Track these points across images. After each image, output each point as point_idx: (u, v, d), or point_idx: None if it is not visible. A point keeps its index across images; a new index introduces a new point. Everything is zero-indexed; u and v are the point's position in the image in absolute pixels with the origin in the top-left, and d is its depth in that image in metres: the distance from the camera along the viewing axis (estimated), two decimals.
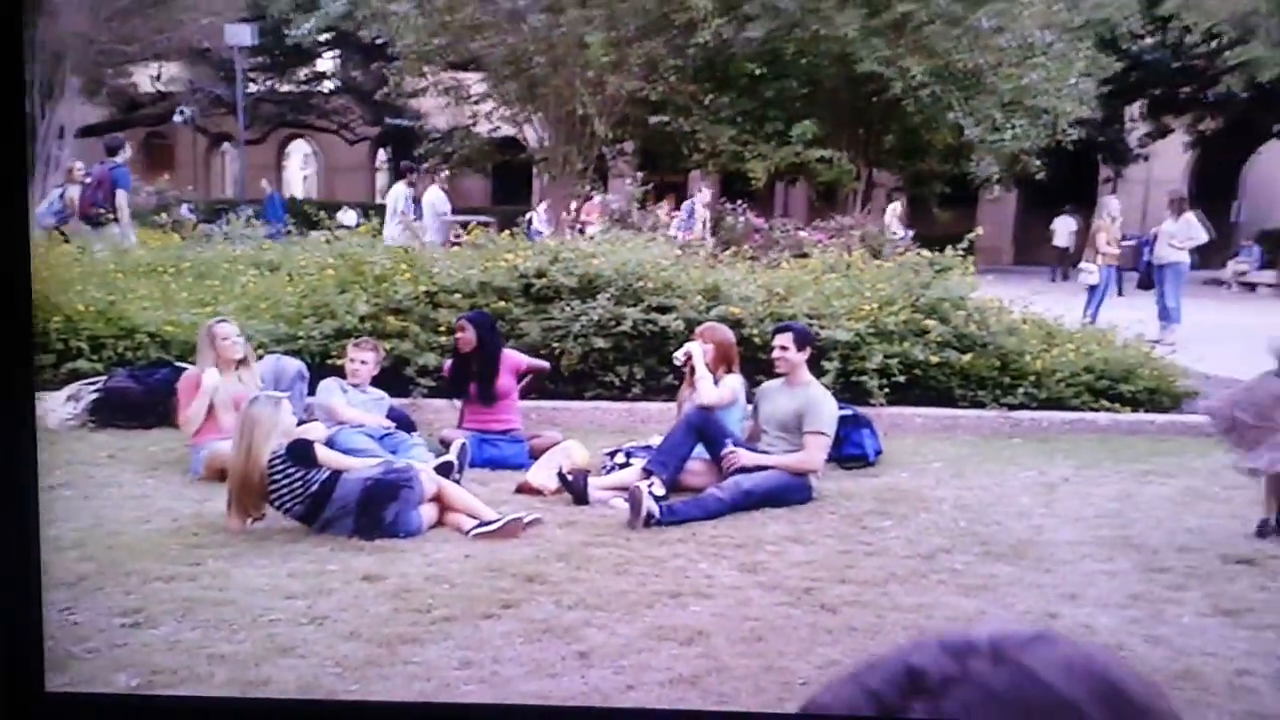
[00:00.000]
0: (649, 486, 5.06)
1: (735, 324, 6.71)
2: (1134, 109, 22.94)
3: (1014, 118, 13.11)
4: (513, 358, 6.32)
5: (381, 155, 32.37)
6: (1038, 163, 13.70)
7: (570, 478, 5.34)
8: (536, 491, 5.41)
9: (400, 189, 12.66)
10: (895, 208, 13.88)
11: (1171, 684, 3.41)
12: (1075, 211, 19.33)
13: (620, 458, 5.72)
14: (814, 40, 12.84)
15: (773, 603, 4.09)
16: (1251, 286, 20.44)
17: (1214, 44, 16.76)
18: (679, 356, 5.84)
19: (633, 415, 6.85)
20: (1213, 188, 22.85)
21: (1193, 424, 7.03)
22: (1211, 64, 17.87)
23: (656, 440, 5.67)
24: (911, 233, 13.54)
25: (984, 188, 14.12)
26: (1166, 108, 22.56)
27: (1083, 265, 12.52)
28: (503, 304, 7.21)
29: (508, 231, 8.60)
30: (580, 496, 5.26)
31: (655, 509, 4.94)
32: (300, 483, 4.64)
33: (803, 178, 13.25)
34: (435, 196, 12.51)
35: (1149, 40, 17.52)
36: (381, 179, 32.38)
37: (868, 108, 13.54)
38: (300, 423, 5.23)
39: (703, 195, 12.52)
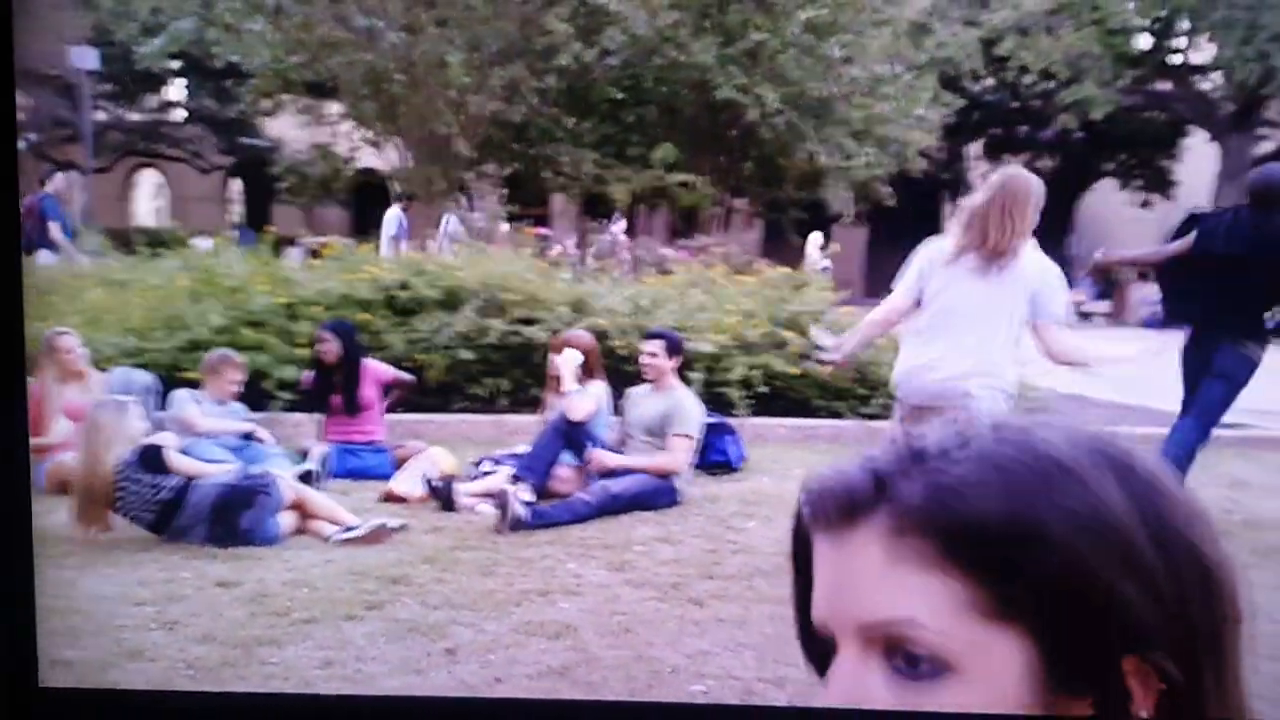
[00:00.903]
0: (517, 491, 5.02)
1: (601, 335, 6.73)
2: (974, 148, 23.97)
3: (865, 146, 13.56)
4: (377, 369, 6.21)
5: (236, 185, 31.45)
6: (888, 190, 14.19)
7: (437, 484, 5.26)
8: (401, 499, 5.31)
9: (394, 213, 12.63)
10: (816, 238, 14.14)
11: None
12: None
13: (487, 465, 5.66)
14: (672, 67, 13.07)
15: (641, 598, 4.10)
16: (1088, 316, 21.56)
17: (1049, 84, 17.65)
18: (556, 363, 5.82)
19: (500, 427, 6.79)
20: (1050, 223, 23.90)
21: None
22: (1046, 104, 18.80)
23: (524, 450, 5.64)
24: (829, 264, 13.93)
25: (839, 218, 14.56)
26: (1005, 147, 23.62)
27: None
28: (365, 316, 7.07)
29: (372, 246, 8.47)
30: (447, 503, 5.19)
31: (524, 513, 4.90)
32: (150, 489, 4.45)
33: (665, 202, 13.42)
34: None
35: (989, 81, 18.36)
36: (236, 210, 31.42)
37: (726, 134, 13.83)
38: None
39: (620, 224, 12.61)
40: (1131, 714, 0.62)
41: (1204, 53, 17.20)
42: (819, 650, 0.68)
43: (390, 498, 5.33)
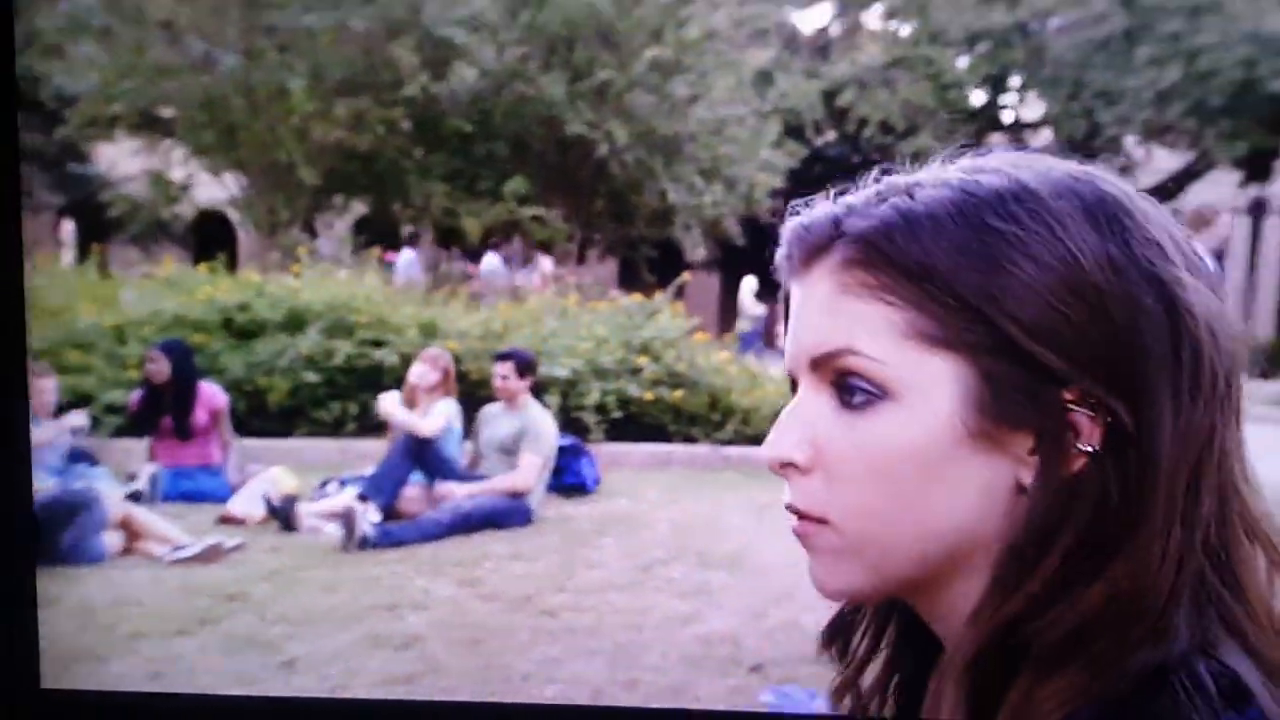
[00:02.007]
0: (364, 510, 4.84)
1: (453, 359, 6.60)
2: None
3: (712, 185, 13.80)
4: (212, 393, 5.89)
5: (68, 227, 30.03)
6: (737, 230, 14.45)
7: (277, 504, 5.02)
8: (240, 521, 5.05)
9: (409, 255, 12.20)
10: (751, 282, 14.25)
11: None
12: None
13: (333, 487, 5.45)
14: (521, 102, 13.09)
15: (492, 610, 4.01)
16: None
17: (888, 138, 18.34)
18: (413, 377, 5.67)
19: (346, 453, 6.54)
20: None
21: None
22: (886, 157, 19.57)
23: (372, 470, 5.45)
24: (764, 309, 14.17)
25: (690, 257, 14.77)
26: None
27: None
28: (201, 337, 6.75)
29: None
30: (288, 523, 4.95)
31: (371, 532, 4.73)
32: None
33: (519, 235, 13.36)
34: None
35: (831, 134, 18.99)
36: (69, 254, 29.95)
37: (577, 170, 13.89)
38: None
39: (546, 260, 12.64)
40: (1075, 447, 0.60)
41: (1035, 108, 18.15)
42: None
43: (227, 519, 5.06)
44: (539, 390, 6.37)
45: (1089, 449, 0.60)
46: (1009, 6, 16.21)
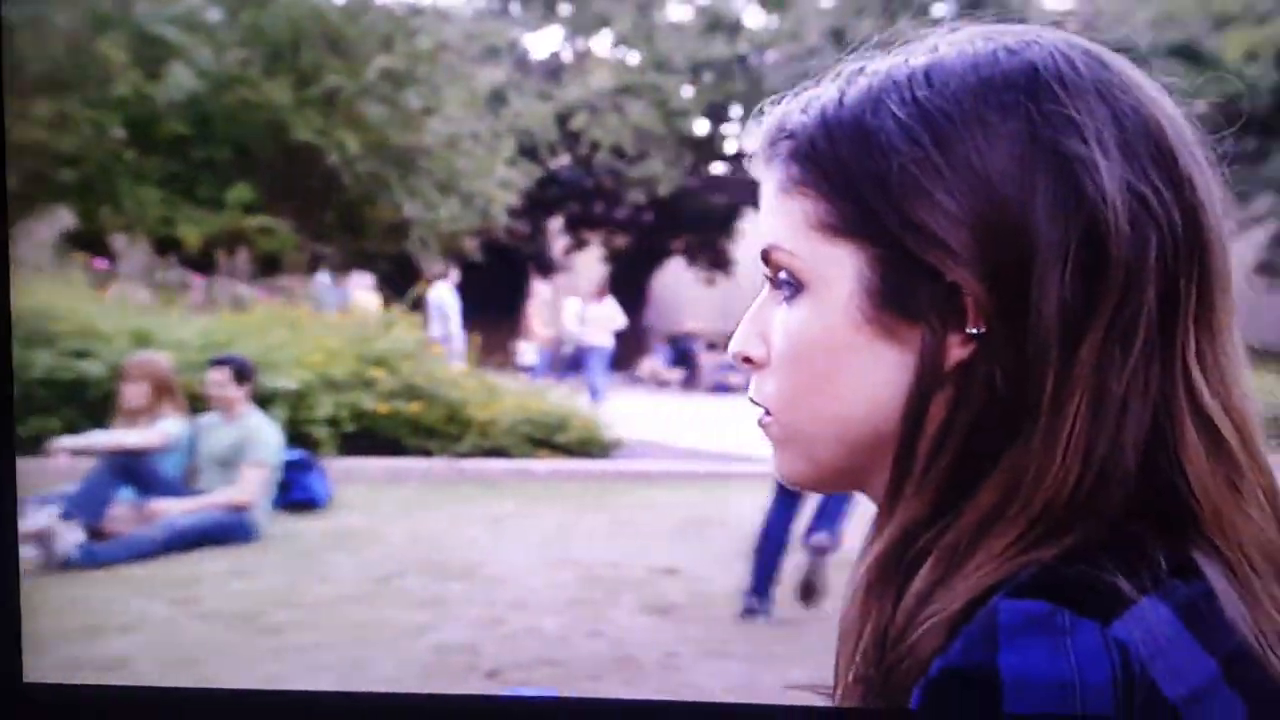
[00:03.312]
0: (64, 529, 4.45)
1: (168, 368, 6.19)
2: (554, 223, 24.94)
3: (449, 200, 13.66)
4: None
5: None
6: (474, 245, 14.36)
7: None
8: None
9: (443, 290, 11.76)
10: (575, 304, 14.01)
11: (612, 670, 3.73)
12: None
13: (31, 506, 4.97)
14: (244, 106, 12.53)
15: (211, 630, 3.79)
16: (665, 383, 22.92)
17: (620, 163, 18.73)
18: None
19: (46, 473, 6.00)
20: (628, 296, 25.39)
21: (621, 469, 7.76)
22: (618, 182, 19.96)
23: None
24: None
25: (427, 275, 14.55)
26: (583, 223, 24.79)
27: (522, 345, 13.23)
28: None
29: None
30: None
31: (72, 550, 4.36)
32: None
33: (245, 245, 12.72)
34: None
35: (566, 158, 19.20)
36: None
37: (306, 179, 13.40)
38: None
39: (448, 280, 12.20)
40: (965, 332, 0.59)
41: (755, 139, 18.89)
42: None
43: None
44: (264, 403, 6.07)
45: (975, 332, 0.59)
46: (728, 39, 16.92)
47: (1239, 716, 0.53)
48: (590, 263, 26.67)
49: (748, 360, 0.68)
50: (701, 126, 18.88)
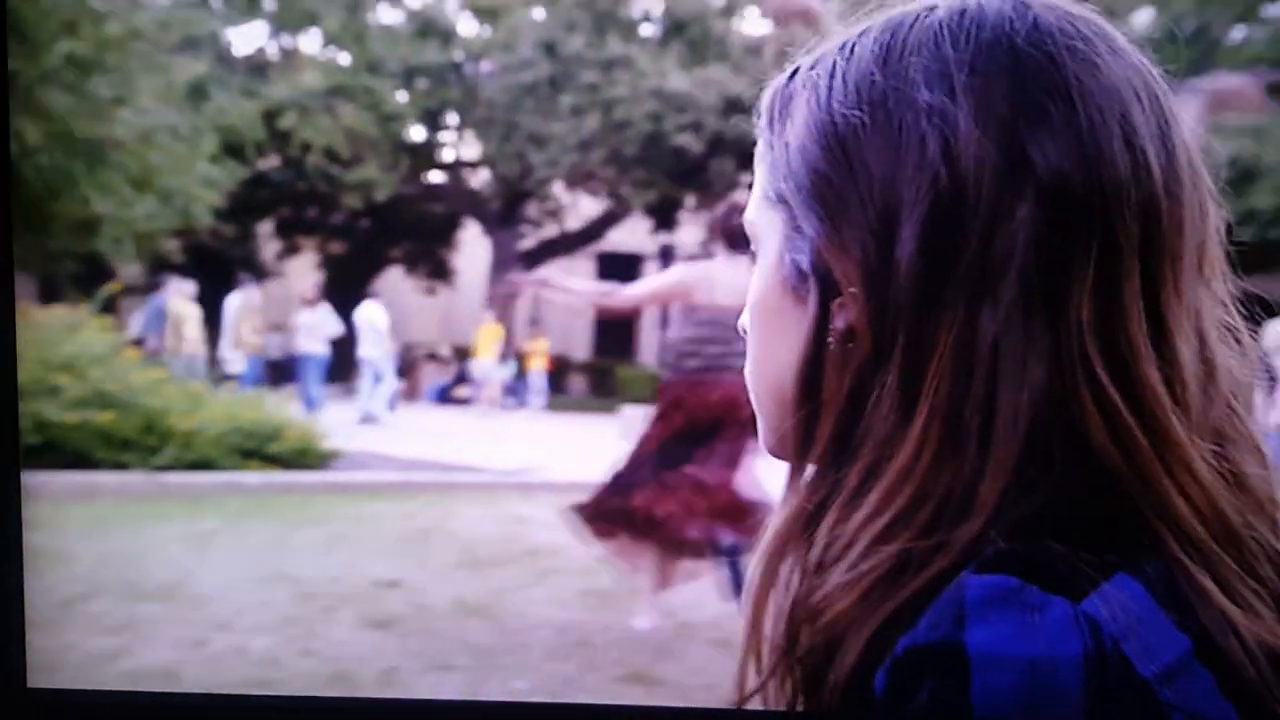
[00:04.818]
0: None
1: None
2: (265, 227, 23.86)
3: (144, 197, 12.81)
4: None
5: None
6: (175, 245, 13.58)
7: None
8: None
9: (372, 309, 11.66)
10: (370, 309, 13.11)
11: (326, 688, 3.63)
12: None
13: None
14: None
15: None
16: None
17: (334, 167, 18.16)
18: None
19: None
20: (345, 305, 24.60)
21: (339, 481, 7.54)
22: (333, 186, 19.32)
23: None
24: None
25: (122, 275, 13.57)
26: (296, 228, 23.83)
27: (226, 354, 12.56)
28: None
29: None
30: None
31: None
32: None
33: None
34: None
35: (276, 159, 18.44)
36: None
37: None
38: None
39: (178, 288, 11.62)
40: (849, 293, 0.58)
41: (475, 147, 18.85)
42: None
43: None
44: None
45: (851, 293, 0.58)
46: (442, 45, 16.77)
47: (1214, 694, 0.51)
48: (304, 269, 25.74)
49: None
50: (418, 133, 18.63)
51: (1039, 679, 0.49)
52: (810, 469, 0.61)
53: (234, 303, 12.06)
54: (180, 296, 11.78)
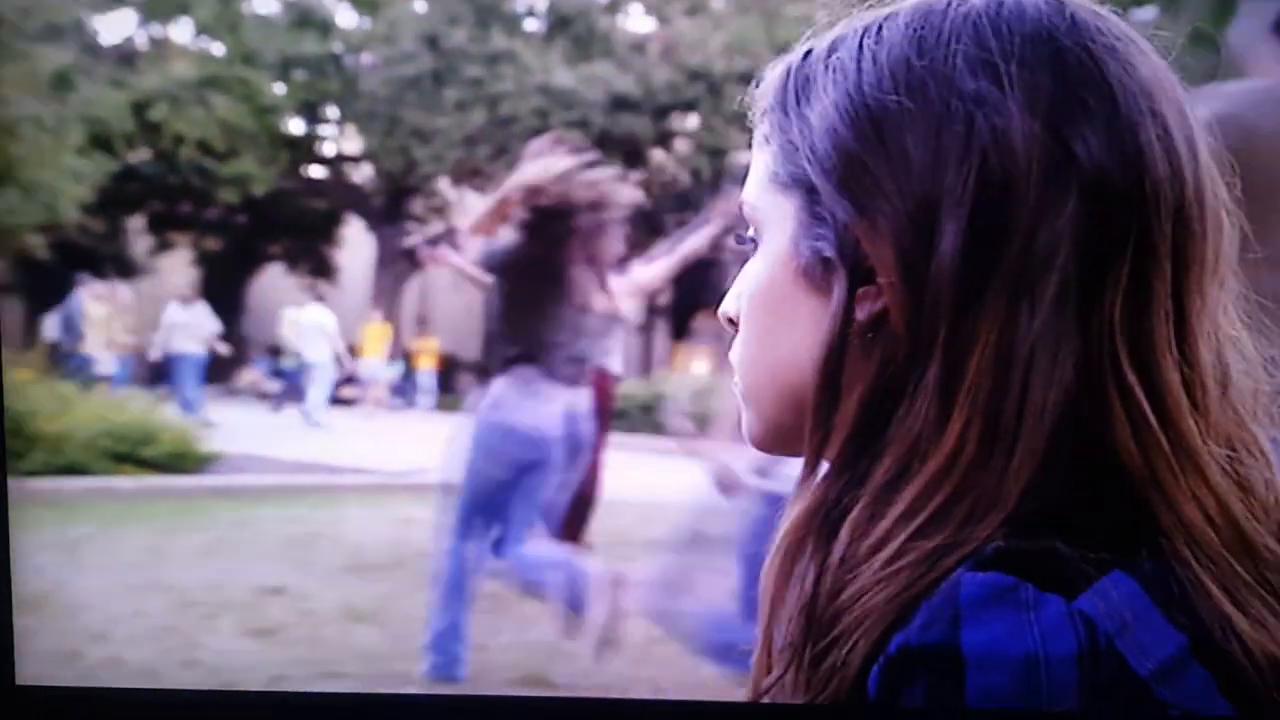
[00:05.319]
0: None
1: None
2: (137, 222, 23.08)
3: (5, 190, 12.34)
4: None
5: None
6: (41, 240, 13.08)
7: None
8: None
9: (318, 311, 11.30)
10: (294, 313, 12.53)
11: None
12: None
13: None
14: None
15: None
16: (265, 394, 21.70)
17: (209, 160, 17.66)
18: None
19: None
20: (222, 303, 23.91)
21: (219, 485, 7.34)
22: (205, 179, 18.78)
23: None
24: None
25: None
26: (169, 223, 23.09)
27: (95, 355, 12.14)
28: None
29: None
30: None
31: None
32: None
33: None
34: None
35: (147, 152, 17.87)
36: None
37: None
38: None
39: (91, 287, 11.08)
40: (878, 283, 0.57)
41: (356, 141, 18.56)
42: None
43: None
44: None
45: (885, 282, 0.56)
46: (320, 37, 16.44)
47: (1211, 692, 0.51)
48: (179, 266, 24.95)
49: (732, 322, 0.66)
50: (297, 126, 18.23)
51: (1033, 677, 0.49)
52: (823, 464, 0.60)
53: (83, 303, 11.61)
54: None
